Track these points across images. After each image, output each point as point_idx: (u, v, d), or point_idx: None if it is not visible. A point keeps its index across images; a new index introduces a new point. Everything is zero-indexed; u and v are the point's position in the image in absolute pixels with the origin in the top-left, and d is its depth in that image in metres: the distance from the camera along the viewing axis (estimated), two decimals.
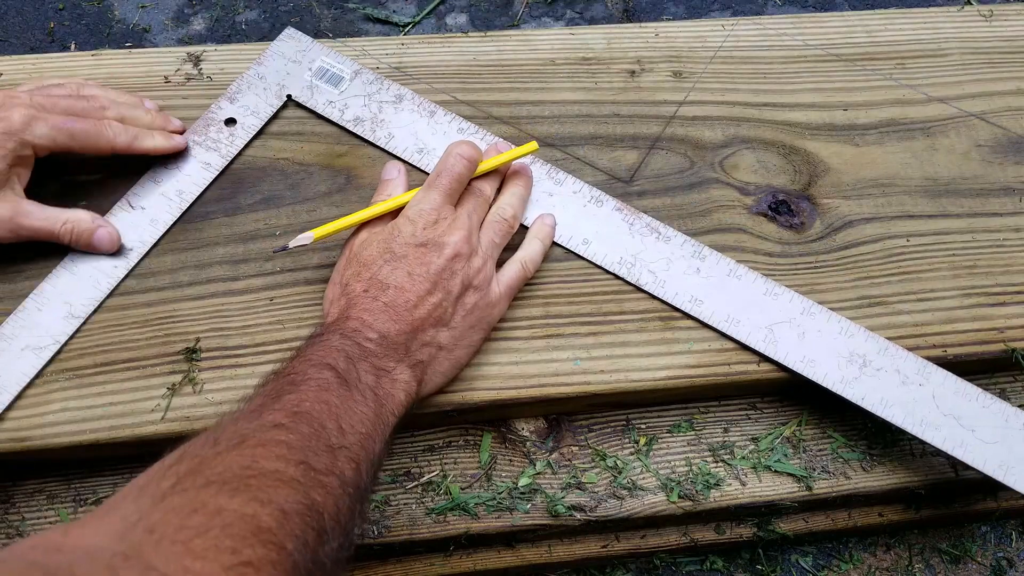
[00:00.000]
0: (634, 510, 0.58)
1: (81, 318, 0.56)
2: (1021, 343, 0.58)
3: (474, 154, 0.57)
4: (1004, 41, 0.72)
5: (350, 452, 0.44)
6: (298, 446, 0.42)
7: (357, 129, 0.64)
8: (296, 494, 0.40)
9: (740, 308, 0.58)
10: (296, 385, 0.45)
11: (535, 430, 0.60)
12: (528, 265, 0.58)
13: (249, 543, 0.36)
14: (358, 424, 0.45)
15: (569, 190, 0.62)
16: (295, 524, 0.39)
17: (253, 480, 0.39)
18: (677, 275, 0.59)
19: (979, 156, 0.66)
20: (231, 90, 0.65)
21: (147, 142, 0.59)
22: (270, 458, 0.41)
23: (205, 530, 0.36)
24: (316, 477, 0.41)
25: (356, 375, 0.47)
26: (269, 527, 0.37)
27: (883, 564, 0.72)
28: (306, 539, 0.39)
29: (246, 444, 0.41)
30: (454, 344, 0.53)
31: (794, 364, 0.56)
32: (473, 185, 0.58)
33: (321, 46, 0.67)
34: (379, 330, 0.50)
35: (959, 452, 0.54)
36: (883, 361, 0.56)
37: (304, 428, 0.43)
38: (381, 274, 0.52)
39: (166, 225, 0.60)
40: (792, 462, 0.60)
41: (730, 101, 0.67)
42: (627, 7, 1.14)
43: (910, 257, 0.61)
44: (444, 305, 0.52)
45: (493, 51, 0.69)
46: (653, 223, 0.61)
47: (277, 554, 0.37)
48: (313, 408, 0.44)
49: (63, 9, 1.10)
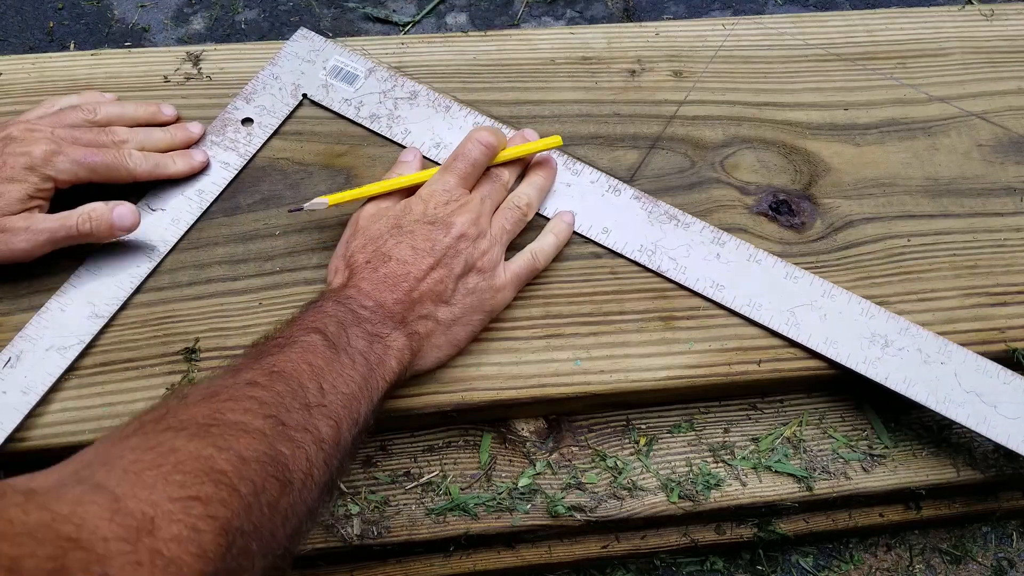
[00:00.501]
0: (634, 510, 0.58)
1: (105, 317, 0.56)
2: (1022, 343, 0.58)
3: (492, 140, 0.57)
4: (1005, 41, 0.71)
5: (328, 410, 0.44)
6: (270, 402, 0.43)
7: (374, 126, 0.64)
8: (258, 444, 0.40)
9: (761, 292, 0.58)
10: (281, 348, 0.46)
11: (535, 430, 0.60)
12: (539, 256, 0.58)
13: (200, 480, 0.37)
14: (341, 385, 0.46)
15: (587, 180, 0.62)
16: (252, 471, 0.39)
17: (215, 428, 0.40)
18: (697, 261, 0.59)
19: (980, 156, 0.66)
20: (247, 90, 0.65)
21: (169, 169, 0.60)
22: (237, 411, 0.41)
23: (157, 465, 0.37)
24: (285, 431, 0.42)
25: (346, 339, 0.47)
26: (223, 470, 0.38)
27: (884, 565, 0.72)
28: (264, 486, 0.39)
29: (216, 398, 0.42)
30: (453, 321, 0.53)
31: (817, 346, 0.56)
32: (492, 171, 0.58)
33: (335, 45, 0.67)
34: (375, 298, 0.51)
35: (983, 428, 0.54)
36: (904, 341, 0.57)
37: (279, 386, 0.44)
38: (385, 247, 0.53)
39: (187, 225, 0.60)
40: (792, 462, 0.60)
41: (730, 101, 0.67)
42: (627, 6, 1.14)
43: (911, 257, 0.61)
44: (445, 282, 0.53)
45: (493, 50, 0.69)
46: (671, 211, 0.61)
47: (228, 494, 0.37)
48: (293, 368, 0.45)
49: (62, 8, 1.10)
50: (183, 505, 0.35)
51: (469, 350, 0.56)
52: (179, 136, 0.61)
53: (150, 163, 0.58)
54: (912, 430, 0.61)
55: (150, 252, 0.58)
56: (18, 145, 0.55)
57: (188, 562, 0.34)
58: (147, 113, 0.62)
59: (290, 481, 0.41)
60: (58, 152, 0.55)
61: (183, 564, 0.34)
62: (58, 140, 0.56)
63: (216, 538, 0.35)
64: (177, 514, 0.35)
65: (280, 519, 0.40)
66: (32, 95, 0.65)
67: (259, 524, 0.38)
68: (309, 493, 0.42)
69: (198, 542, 0.35)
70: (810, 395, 0.62)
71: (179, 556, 0.34)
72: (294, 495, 0.41)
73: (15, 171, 0.54)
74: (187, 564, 0.34)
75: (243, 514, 0.37)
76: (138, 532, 0.33)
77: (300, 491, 0.41)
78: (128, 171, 0.57)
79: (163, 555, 0.33)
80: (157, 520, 0.34)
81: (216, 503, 0.36)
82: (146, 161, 0.58)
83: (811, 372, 0.57)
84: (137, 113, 0.62)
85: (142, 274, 0.58)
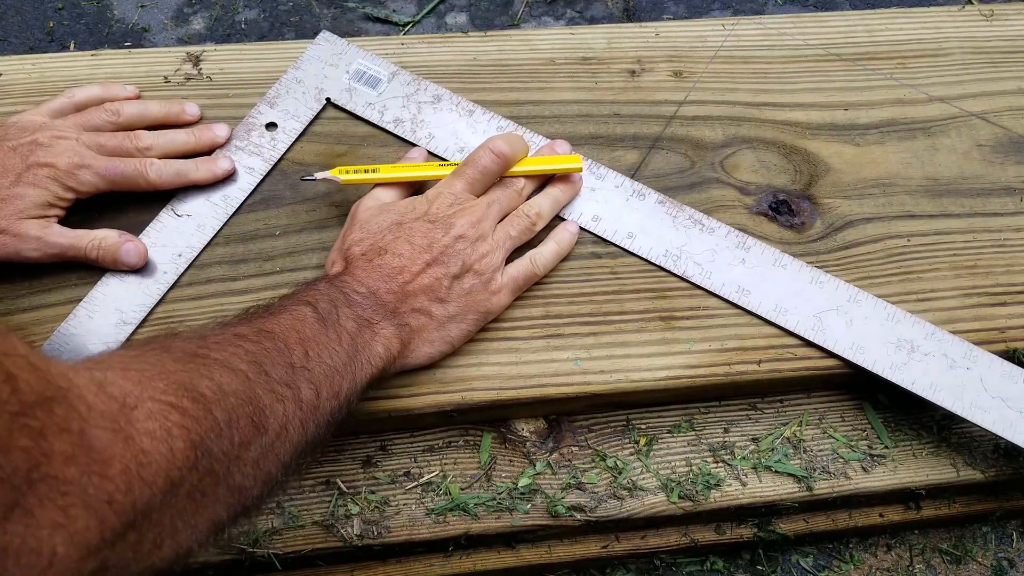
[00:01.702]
0: (634, 510, 0.58)
1: (133, 324, 0.56)
2: (1022, 343, 0.58)
3: (506, 150, 0.57)
4: (1005, 41, 0.71)
5: (311, 375, 0.45)
6: (256, 352, 0.43)
7: (397, 130, 0.64)
8: (240, 383, 0.41)
9: (787, 297, 0.58)
10: (272, 313, 0.47)
11: (535, 430, 0.60)
12: (537, 262, 0.58)
13: (180, 393, 0.38)
14: (326, 357, 0.46)
15: (611, 184, 0.62)
16: (230, 404, 0.40)
17: (201, 360, 0.41)
18: (723, 266, 0.59)
19: (980, 156, 0.66)
20: (270, 95, 0.65)
21: (190, 176, 0.60)
22: (224, 352, 0.42)
23: (142, 369, 0.38)
24: (268, 382, 0.43)
25: (336, 317, 0.48)
26: (203, 392, 0.39)
27: (884, 565, 0.72)
28: (239, 422, 0.40)
29: (205, 339, 0.43)
30: (446, 319, 0.54)
31: (844, 352, 0.56)
32: (506, 178, 0.58)
33: (357, 48, 0.67)
34: (368, 286, 0.51)
35: (1008, 434, 0.54)
36: (931, 346, 0.56)
37: (267, 343, 0.44)
38: (383, 241, 0.53)
39: (213, 230, 0.60)
40: (792, 462, 0.60)
41: (730, 101, 0.67)
42: (627, 7, 1.14)
43: (911, 257, 0.61)
44: (441, 280, 0.53)
45: (493, 51, 0.69)
46: (696, 215, 0.61)
47: (203, 414, 0.38)
48: (282, 331, 0.46)
49: (62, 8, 1.10)
50: (161, 407, 0.36)
51: (469, 350, 0.56)
52: (204, 138, 0.61)
53: (171, 171, 0.59)
54: (912, 430, 0.61)
55: (176, 258, 0.58)
56: (44, 153, 0.55)
57: (156, 459, 0.34)
58: (171, 113, 0.62)
59: (265, 428, 0.41)
60: (82, 165, 0.56)
61: (152, 458, 0.34)
62: (83, 150, 0.56)
63: (186, 448, 0.36)
64: (155, 413, 0.36)
65: (249, 463, 0.40)
66: (32, 95, 0.65)
67: (227, 455, 0.39)
68: (282, 447, 0.43)
69: (169, 444, 0.35)
70: (810, 395, 0.62)
71: (151, 448, 0.34)
72: (265, 444, 0.41)
73: (38, 178, 0.54)
74: (155, 460, 0.34)
75: (214, 437, 0.38)
76: (119, 411, 0.34)
77: (273, 443, 0.42)
78: (149, 182, 0.58)
79: (135, 442, 0.34)
80: (137, 411, 0.35)
81: (191, 417, 0.37)
82: (167, 169, 0.58)
83: (811, 372, 0.57)
84: (160, 113, 0.62)
85: (169, 280, 0.58)
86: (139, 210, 0.60)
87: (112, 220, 0.59)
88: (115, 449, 0.33)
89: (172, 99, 0.64)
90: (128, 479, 0.33)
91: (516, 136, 0.59)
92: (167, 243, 0.59)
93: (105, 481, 0.32)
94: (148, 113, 0.61)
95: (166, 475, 0.35)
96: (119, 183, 0.57)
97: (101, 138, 0.58)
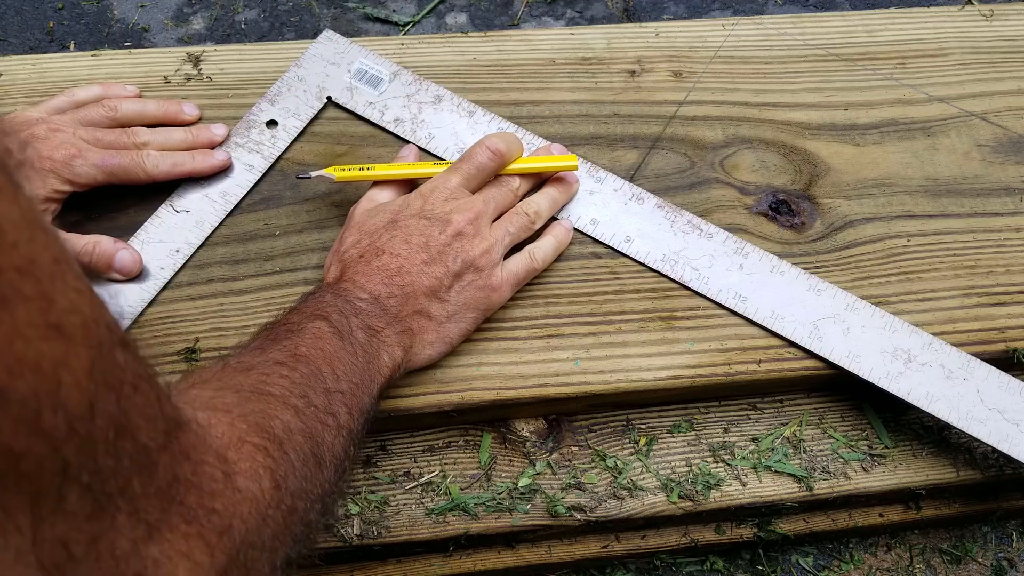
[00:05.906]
0: (634, 510, 0.58)
1: (129, 319, 0.56)
2: (1022, 343, 0.58)
3: (502, 148, 0.57)
4: (1005, 41, 0.71)
5: (344, 397, 0.45)
6: (300, 382, 0.43)
7: (397, 130, 0.64)
8: (299, 421, 0.41)
9: (784, 304, 0.58)
10: (293, 332, 0.47)
11: (535, 430, 0.60)
12: (536, 256, 0.58)
13: (261, 436, 0.38)
14: (351, 374, 0.46)
15: (610, 188, 0.62)
16: (297, 442, 0.40)
17: (265, 399, 0.41)
18: (720, 272, 0.59)
19: (980, 156, 0.66)
20: (271, 92, 0.65)
21: (187, 166, 0.59)
22: (276, 386, 0.42)
23: (228, 411, 0.38)
24: (316, 413, 0.43)
25: (349, 328, 0.48)
26: (276, 433, 0.39)
27: (883, 564, 0.72)
28: (306, 459, 0.40)
29: (253, 371, 0.43)
30: (446, 318, 0.53)
31: (840, 360, 0.56)
32: (502, 176, 0.58)
33: (359, 47, 0.67)
34: (370, 291, 0.51)
35: (1004, 446, 0.54)
36: (927, 356, 0.56)
37: (303, 368, 0.44)
38: (379, 242, 0.53)
39: (211, 227, 0.60)
40: (792, 462, 0.60)
41: (730, 101, 0.67)
42: (627, 7, 1.14)
43: (911, 257, 0.61)
44: (440, 278, 0.53)
45: (493, 51, 0.69)
46: (695, 220, 0.61)
47: (280, 454, 0.38)
48: (311, 353, 0.45)
49: (62, 8, 1.10)
50: (249, 448, 0.37)
51: (469, 350, 0.56)
52: (201, 137, 0.61)
53: (168, 163, 0.58)
54: (912, 430, 0.61)
55: (173, 254, 0.58)
56: (41, 145, 0.55)
57: (249, 497, 0.35)
58: (169, 112, 0.62)
59: (323, 461, 0.42)
60: (78, 156, 0.55)
61: (247, 496, 0.35)
62: (79, 143, 0.56)
63: (272, 488, 0.36)
64: (246, 455, 0.36)
65: (315, 497, 0.41)
66: (32, 95, 0.65)
67: (300, 491, 0.39)
68: (335, 476, 0.43)
69: (260, 484, 0.36)
70: (810, 395, 0.62)
71: (244, 487, 0.35)
72: (325, 476, 0.42)
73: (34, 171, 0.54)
74: (249, 498, 0.35)
75: (291, 476, 0.38)
76: (222, 449, 0.35)
77: (329, 474, 0.42)
78: (146, 173, 0.58)
79: (233, 480, 0.34)
80: (231, 451, 0.35)
81: (272, 458, 0.38)
82: (164, 161, 0.58)
83: (811, 372, 0.57)
84: (158, 112, 0.62)
85: (166, 277, 0.58)
86: (139, 210, 0.60)
87: (112, 220, 0.59)
88: (220, 485, 0.33)
89: (171, 99, 0.64)
90: (231, 516, 0.33)
91: (512, 135, 0.59)
92: (165, 239, 0.59)
93: (213, 515, 0.32)
94: (146, 111, 0.61)
95: (258, 514, 0.35)
96: (117, 175, 0.57)
97: (98, 132, 0.58)
